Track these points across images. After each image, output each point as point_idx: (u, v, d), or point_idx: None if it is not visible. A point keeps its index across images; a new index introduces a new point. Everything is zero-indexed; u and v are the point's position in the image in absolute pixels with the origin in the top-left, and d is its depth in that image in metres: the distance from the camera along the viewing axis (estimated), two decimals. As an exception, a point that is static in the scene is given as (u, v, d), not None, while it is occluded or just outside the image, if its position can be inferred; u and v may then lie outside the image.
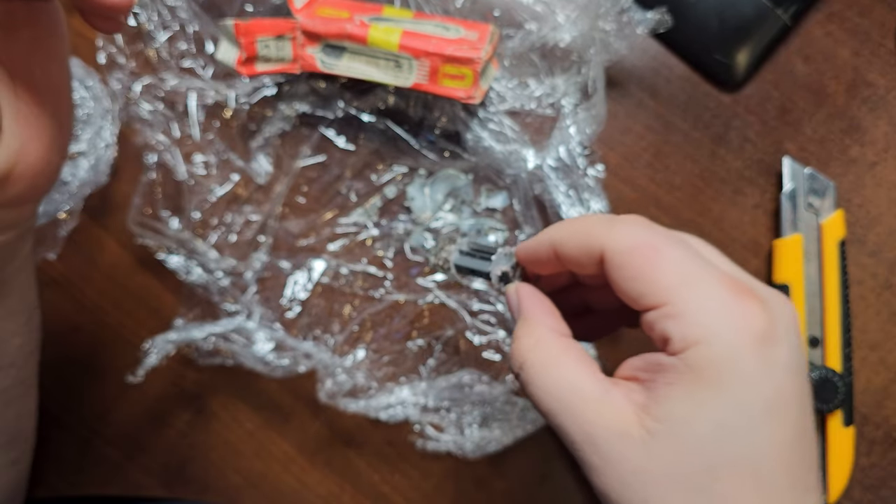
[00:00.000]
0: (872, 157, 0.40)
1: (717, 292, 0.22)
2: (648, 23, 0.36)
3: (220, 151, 0.39)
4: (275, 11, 0.39)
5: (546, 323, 0.26)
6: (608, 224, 0.24)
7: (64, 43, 0.26)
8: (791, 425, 0.21)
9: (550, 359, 0.24)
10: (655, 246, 0.22)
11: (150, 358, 0.35)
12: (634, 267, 0.22)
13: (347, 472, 0.39)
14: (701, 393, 0.21)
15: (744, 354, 0.21)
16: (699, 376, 0.21)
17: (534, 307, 0.27)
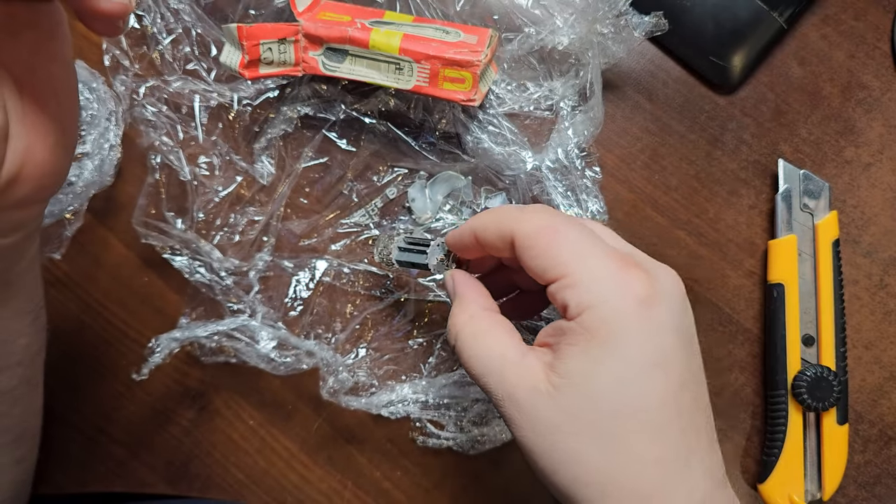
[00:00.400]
0: (867, 159, 0.41)
1: (604, 264, 0.25)
2: (645, 26, 0.36)
3: (224, 153, 0.40)
4: (277, 15, 0.39)
5: (477, 301, 0.30)
6: (518, 212, 0.27)
7: (67, 45, 0.26)
8: (676, 376, 0.24)
9: (480, 331, 0.28)
10: (556, 227, 0.26)
11: (155, 356, 0.35)
12: (538, 246, 0.26)
13: (349, 469, 0.40)
14: (595, 350, 0.24)
15: (628, 315, 0.24)
16: (593, 336, 0.24)
17: (466, 288, 0.30)
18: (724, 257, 0.40)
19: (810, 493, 0.38)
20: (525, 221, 0.27)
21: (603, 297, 0.24)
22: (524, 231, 0.26)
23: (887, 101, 0.41)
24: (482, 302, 0.30)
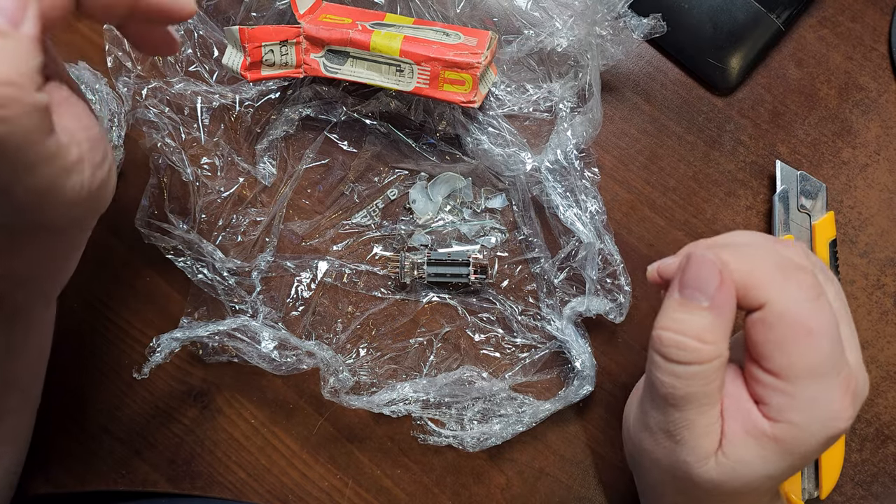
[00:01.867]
0: (864, 160, 0.41)
1: (832, 391, 0.25)
2: (644, 28, 0.37)
3: (226, 154, 0.40)
4: (279, 18, 0.40)
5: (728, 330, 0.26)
6: (780, 277, 0.25)
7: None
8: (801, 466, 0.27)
9: (716, 374, 0.26)
10: (810, 330, 0.24)
11: (156, 356, 0.35)
12: (782, 339, 0.25)
13: (350, 467, 0.40)
14: (771, 456, 0.26)
15: (819, 443, 0.25)
16: (779, 446, 0.25)
17: (731, 311, 0.26)
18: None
19: (808, 492, 0.39)
20: (785, 301, 0.25)
21: (809, 424, 0.25)
22: (779, 309, 0.25)
23: (884, 103, 0.41)
24: (729, 333, 0.26)
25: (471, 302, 0.40)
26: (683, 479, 0.28)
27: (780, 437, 0.25)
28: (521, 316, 0.40)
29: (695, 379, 0.26)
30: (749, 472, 0.26)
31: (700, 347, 0.26)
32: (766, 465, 0.26)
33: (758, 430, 0.26)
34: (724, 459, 0.26)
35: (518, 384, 0.40)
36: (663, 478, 0.30)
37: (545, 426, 0.39)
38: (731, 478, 0.26)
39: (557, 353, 0.40)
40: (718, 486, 0.27)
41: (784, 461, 0.26)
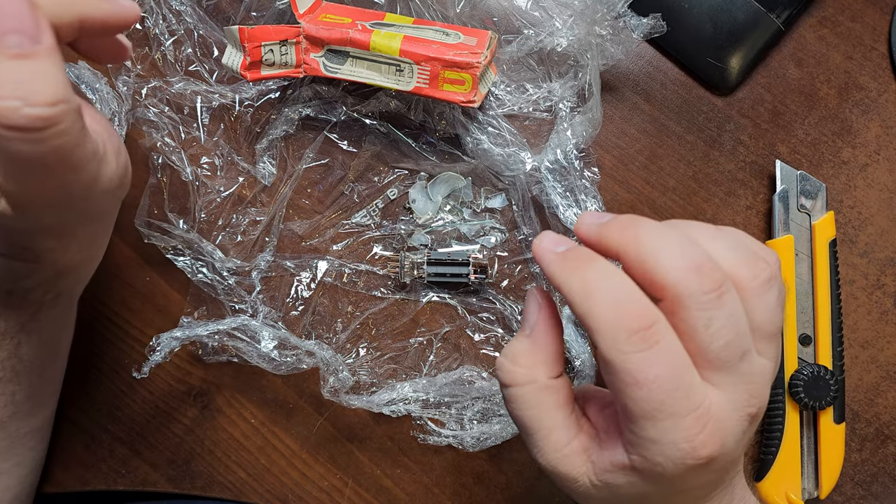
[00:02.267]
0: (864, 159, 0.41)
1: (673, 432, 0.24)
2: (644, 28, 0.37)
3: (226, 153, 0.40)
4: (279, 17, 0.40)
5: (546, 361, 0.27)
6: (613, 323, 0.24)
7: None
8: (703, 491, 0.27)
9: (534, 402, 0.27)
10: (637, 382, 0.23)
11: (156, 355, 0.35)
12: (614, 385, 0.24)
13: (350, 467, 0.40)
14: (638, 482, 0.25)
15: (682, 472, 0.24)
16: (640, 475, 0.25)
17: (546, 338, 0.28)
18: (722, 257, 0.41)
19: (807, 492, 0.39)
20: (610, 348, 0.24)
21: (660, 460, 0.24)
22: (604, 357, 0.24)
23: (884, 103, 0.41)
24: (551, 364, 0.27)
25: (471, 302, 0.40)
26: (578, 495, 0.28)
27: (639, 468, 0.25)
28: (520, 315, 0.40)
29: (517, 401, 0.27)
30: (624, 493, 0.26)
31: (514, 370, 0.27)
32: (636, 488, 0.26)
33: (619, 461, 0.26)
34: (598, 482, 0.26)
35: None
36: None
37: (545, 426, 0.39)
38: (609, 497, 0.27)
39: (557, 352, 0.40)
40: (599, 499, 0.27)
41: (650, 486, 0.26)
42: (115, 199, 0.30)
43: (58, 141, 0.22)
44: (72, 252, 0.31)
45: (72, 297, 0.34)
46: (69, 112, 0.21)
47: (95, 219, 0.31)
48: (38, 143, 0.21)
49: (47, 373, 0.35)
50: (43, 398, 0.36)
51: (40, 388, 0.35)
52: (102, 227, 0.32)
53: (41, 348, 0.33)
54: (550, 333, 0.27)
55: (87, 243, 0.32)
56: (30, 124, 0.20)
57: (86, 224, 0.30)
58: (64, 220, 0.28)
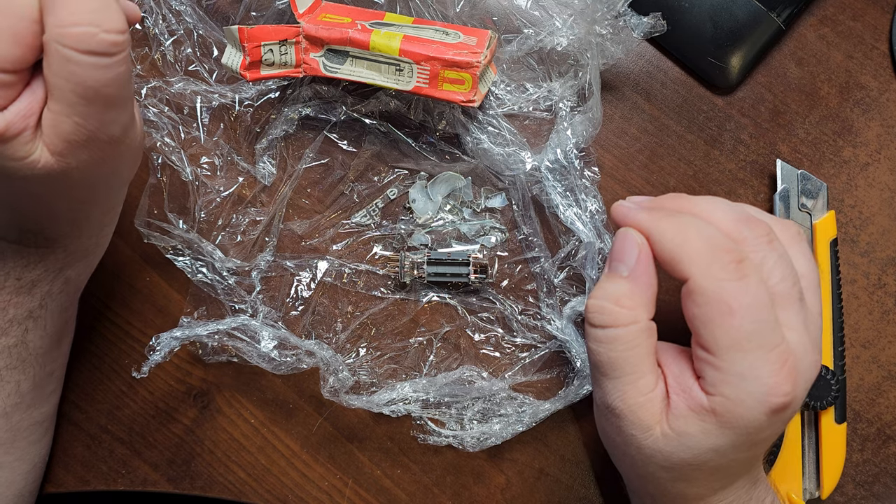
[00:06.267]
0: (865, 159, 0.41)
1: (760, 366, 0.26)
2: (644, 27, 0.37)
3: (225, 153, 0.40)
4: (278, 17, 0.40)
5: (648, 303, 0.28)
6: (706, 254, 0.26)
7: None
8: (760, 450, 0.29)
9: (635, 343, 0.28)
10: (731, 310, 0.25)
11: (155, 355, 0.35)
12: (706, 315, 0.26)
13: (350, 467, 0.40)
14: (712, 429, 0.27)
15: (757, 418, 0.26)
16: (716, 419, 0.26)
17: (647, 281, 0.28)
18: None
19: (808, 492, 0.38)
20: (705, 278, 0.26)
21: (742, 398, 0.26)
22: (700, 286, 0.26)
23: (885, 102, 0.41)
24: (650, 306, 0.29)
25: (471, 301, 0.40)
26: (636, 456, 0.29)
27: (717, 410, 0.26)
28: (520, 315, 0.40)
29: (615, 343, 0.28)
30: (694, 445, 0.27)
31: (617, 311, 0.28)
32: (709, 438, 0.27)
33: (697, 403, 0.27)
34: (670, 432, 0.27)
35: (518, 384, 0.40)
36: (623, 463, 0.31)
37: (545, 426, 0.39)
38: (677, 449, 0.27)
39: (557, 352, 0.40)
40: (668, 458, 0.28)
41: (725, 435, 0.26)
42: (127, 173, 0.31)
43: (121, 68, 0.23)
44: (83, 238, 0.32)
45: (77, 287, 0.35)
46: (129, 42, 0.24)
47: (107, 208, 0.32)
48: (107, 69, 0.23)
49: (49, 366, 0.35)
50: (45, 391, 0.36)
51: (43, 380, 0.35)
52: (110, 212, 0.33)
53: (45, 339, 0.34)
54: (650, 275, 0.28)
55: (96, 229, 0.33)
56: (104, 49, 0.22)
57: (98, 204, 0.31)
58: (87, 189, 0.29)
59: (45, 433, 0.37)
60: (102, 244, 0.35)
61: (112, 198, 0.32)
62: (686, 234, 0.27)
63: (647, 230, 0.28)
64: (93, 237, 0.33)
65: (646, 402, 0.28)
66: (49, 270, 0.32)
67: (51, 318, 0.33)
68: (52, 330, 0.34)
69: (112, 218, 0.34)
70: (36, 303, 0.32)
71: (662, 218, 0.28)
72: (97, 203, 0.31)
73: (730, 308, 0.25)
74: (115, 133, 0.26)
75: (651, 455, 0.28)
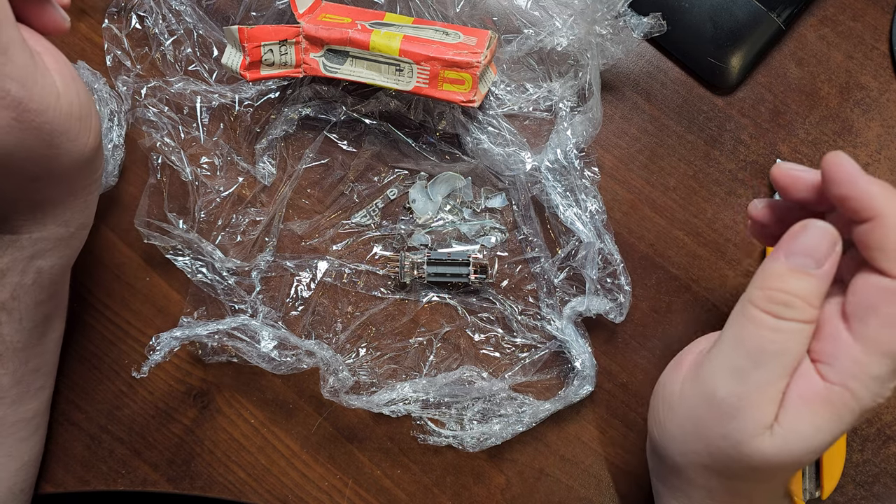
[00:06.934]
0: (865, 159, 0.41)
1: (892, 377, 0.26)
2: (644, 27, 0.37)
3: (225, 153, 0.40)
4: (278, 17, 0.40)
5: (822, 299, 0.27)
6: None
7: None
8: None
9: (805, 338, 0.27)
10: None
11: (155, 354, 0.35)
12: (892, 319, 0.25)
13: (350, 467, 0.40)
14: (825, 424, 0.26)
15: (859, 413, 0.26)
16: (832, 412, 0.26)
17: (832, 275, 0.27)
18: (723, 257, 0.41)
19: (809, 492, 0.38)
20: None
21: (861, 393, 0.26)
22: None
23: (885, 102, 0.41)
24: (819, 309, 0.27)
25: (471, 302, 0.40)
26: (729, 455, 0.28)
27: (833, 399, 0.26)
28: (520, 316, 0.40)
29: (794, 335, 0.27)
30: (799, 444, 0.26)
31: (809, 309, 0.27)
32: (817, 433, 0.26)
33: (812, 391, 0.26)
34: (779, 429, 0.27)
35: (518, 384, 0.40)
36: (699, 457, 0.30)
37: (545, 426, 0.39)
38: (781, 450, 0.27)
39: (557, 352, 0.40)
40: (768, 461, 0.27)
41: (832, 428, 0.26)
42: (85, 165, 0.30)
43: None
44: (50, 226, 0.31)
45: (53, 279, 0.34)
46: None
47: (69, 191, 0.31)
48: None
49: (32, 361, 0.35)
50: (31, 388, 0.36)
51: (26, 376, 0.35)
52: (79, 204, 0.32)
53: (22, 332, 0.33)
54: (834, 273, 0.27)
55: (64, 215, 0.32)
56: None
57: (54, 185, 0.30)
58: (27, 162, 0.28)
59: (34, 431, 0.37)
60: (78, 236, 0.34)
61: (73, 178, 0.31)
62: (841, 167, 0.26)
63: (879, 209, 0.25)
64: (62, 225, 0.32)
65: (775, 400, 0.27)
66: (17, 260, 0.31)
67: (26, 312, 0.33)
68: (29, 324, 0.33)
69: (83, 206, 0.33)
70: (7, 294, 0.32)
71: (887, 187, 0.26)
72: (53, 183, 0.30)
73: None
74: (10, 88, 0.25)
75: (751, 458, 0.27)
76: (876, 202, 0.25)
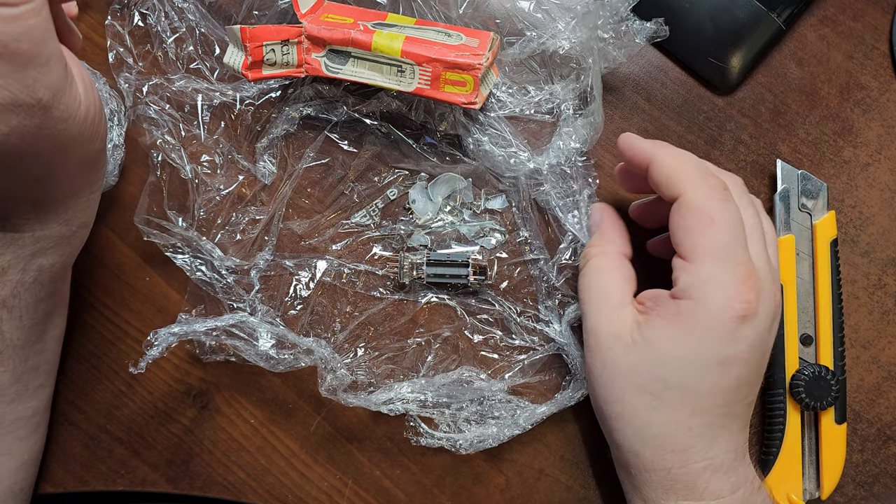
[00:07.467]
0: (865, 159, 0.41)
1: (729, 274, 0.29)
2: (646, 32, 0.37)
3: (226, 152, 0.40)
4: (281, 17, 0.39)
5: (614, 241, 0.35)
6: (695, 178, 0.31)
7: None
8: (734, 375, 0.30)
9: (601, 267, 0.34)
10: (712, 219, 0.29)
11: (153, 351, 0.35)
12: (688, 226, 0.30)
13: (349, 467, 0.40)
14: (679, 334, 0.30)
15: (720, 323, 0.29)
16: (682, 322, 0.30)
17: (610, 227, 0.36)
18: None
19: (808, 492, 0.38)
20: (695, 193, 0.30)
21: (708, 300, 0.29)
22: (690, 200, 0.30)
23: (885, 102, 0.41)
24: (618, 243, 0.35)
25: (470, 303, 0.40)
26: (612, 374, 0.32)
27: (683, 311, 0.30)
28: (519, 318, 0.40)
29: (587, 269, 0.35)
30: (661, 351, 0.30)
31: (588, 249, 0.36)
32: (675, 343, 0.30)
33: (665, 310, 0.30)
34: (639, 338, 0.31)
35: (516, 386, 0.40)
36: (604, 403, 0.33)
37: (545, 426, 0.39)
38: (645, 357, 0.30)
39: (555, 355, 0.40)
40: (638, 371, 0.31)
41: (689, 340, 0.29)
42: (90, 166, 0.31)
43: (31, 20, 0.23)
44: (52, 225, 0.31)
45: (53, 277, 0.34)
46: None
47: (72, 190, 0.31)
48: (13, 22, 0.23)
49: (32, 360, 0.35)
50: (30, 386, 0.35)
51: (25, 374, 0.35)
52: (81, 203, 0.32)
53: (23, 330, 0.33)
54: (615, 225, 0.36)
55: (66, 214, 0.32)
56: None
57: (58, 185, 0.30)
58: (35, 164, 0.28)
59: (34, 429, 0.37)
60: (79, 234, 0.34)
61: (76, 179, 0.31)
62: (682, 160, 0.32)
63: (651, 154, 0.32)
64: (63, 224, 0.32)
65: (617, 317, 0.32)
66: (18, 258, 0.31)
67: (26, 309, 0.33)
68: (29, 322, 0.33)
69: (85, 205, 0.33)
70: (7, 291, 0.31)
71: (664, 146, 0.33)
72: (57, 184, 0.30)
73: (712, 219, 0.29)
74: (43, 97, 0.25)
75: (623, 370, 0.31)
76: (647, 153, 0.32)
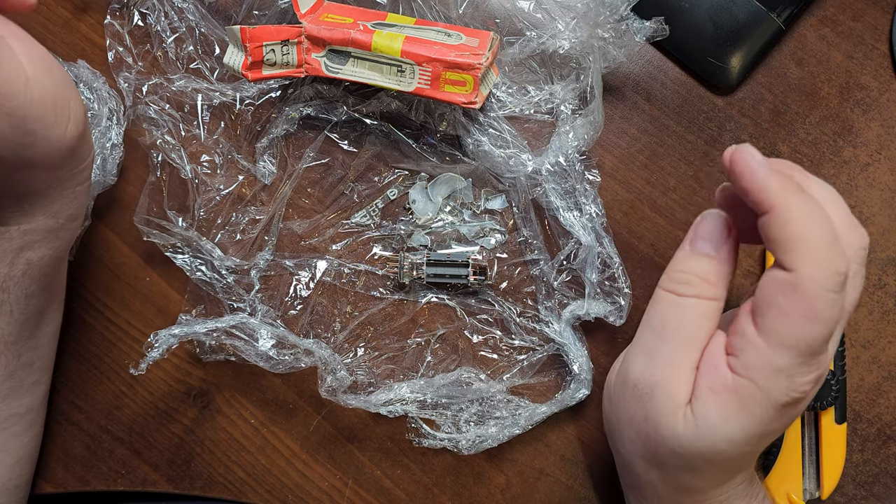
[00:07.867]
0: (865, 159, 0.41)
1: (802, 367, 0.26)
2: (646, 31, 0.37)
3: (226, 152, 0.40)
4: (281, 17, 0.39)
5: (722, 280, 0.29)
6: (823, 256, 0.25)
7: None
8: (766, 443, 0.29)
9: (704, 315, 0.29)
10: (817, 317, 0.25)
11: (154, 352, 0.35)
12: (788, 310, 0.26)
13: (350, 467, 0.40)
14: (730, 414, 0.27)
15: (775, 406, 0.27)
16: (737, 402, 0.27)
17: (728, 257, 0.29)
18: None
19: (808, 492, 0.39)
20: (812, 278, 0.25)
21: (770, 389, 0.26)
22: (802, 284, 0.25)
23: (885, 102, 0.41)
24: (724, 286, 0.29)
25: (469, 303, 0.40)
26: (654, 440, 0.29)
27: (739, 391, 0.27)
28: (519, 318, 0.40)
29: (695, 311, 0.29)
30: (711, 433, 0.27)
31: (705, 285, 0.29)
32: (726, 424, 0.27)
33: (720, 383, 0.27)
34: (690, 414, 0.28)
35: (516, 386, 0.40)
36: (634, 446, 0.31)
37: (545, 426, 0.39)
38: (695, 436, 0.28)
39: (555, 355, 0.40)
40: (684, 445, 0.28)
41: (741, 420, 0.27)
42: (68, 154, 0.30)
43: None
44: (39, 218, 0.31)
45: (43, 272, 0.33)
46: None
47: (55, 181, 0.31)
48: None
49: (25, 355, 0.35)
50: (24, 382, 0.35)
51: (19, 370, 0.35)
52: (68, 195, 0.32)
53: (14, 325, 0.33)
54: (733, 259, 0.29)
55: (51, 211, 0.32)
56: None
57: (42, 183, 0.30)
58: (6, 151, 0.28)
59: (29, 426, 0.37)
60: (68, 227, 0.33)
61: (58, 169, 0.30)
62: (811, 223, 0.25)
63: (774, 202, 0.26)
64: (50, 217, 0.32)
65: (686, 378, 0.28)
66: (6, 251, 0.31)
67: (17, 304, 0.33)
68: (20, 317, 0.33)
69: (72, 197, 0.32)
70: None
71: (794, 194, 0.26)
72: (36, 174, 0.29)
73: (816, 316, 0.25)
74: None
75: (668, 440, 0.29)
76: (771, 195, 0.26)
